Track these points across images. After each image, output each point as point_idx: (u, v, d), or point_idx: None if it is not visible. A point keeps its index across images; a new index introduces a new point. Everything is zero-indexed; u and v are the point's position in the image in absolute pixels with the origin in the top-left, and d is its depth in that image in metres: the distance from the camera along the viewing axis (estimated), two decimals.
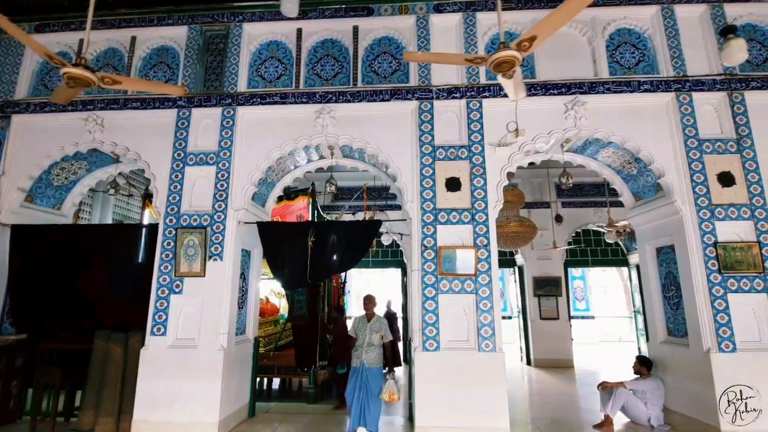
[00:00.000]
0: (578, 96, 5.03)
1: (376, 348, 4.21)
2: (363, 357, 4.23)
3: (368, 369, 4.19)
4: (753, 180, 4.73)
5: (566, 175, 5.58)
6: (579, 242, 11.46)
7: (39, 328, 5.13)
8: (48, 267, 5.26)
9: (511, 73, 2.77)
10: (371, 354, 4.20)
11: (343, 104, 5.21)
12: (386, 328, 4.30)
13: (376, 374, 4.17)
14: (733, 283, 4.51)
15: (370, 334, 4.25)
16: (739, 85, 4.96)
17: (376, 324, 4.30)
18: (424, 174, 4.94)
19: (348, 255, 5.00)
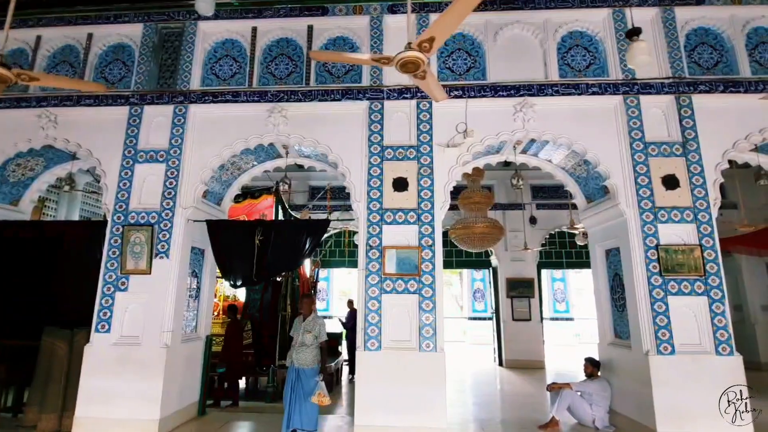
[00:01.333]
0: (527, 98, 5.05)
1: (309, 348, 4.20)
2: (294, 357, 4.22)
3: (301, 369, 4.18)
4: (697, 183, 4.75)
5: (517, 177, 5.59)
6: (554, 244, 11.49)
7: None
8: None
9: (421, 74, 2.78)
10: (303, 354, 4.20)
11: (295, 103, 5.22)
12: (321, 328, 4.27)
13: (310, 375, 4.16)
14: (674, 285, 4.53)
15: (303, 334, 4.25)
16: (687, 89, 4.99)
17: (309, 324, 4.30)
18: (371, 174, 4.95)
19: (295, 254, 5.00)
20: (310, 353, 4.19)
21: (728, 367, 4.32)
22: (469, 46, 5.41)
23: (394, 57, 2.66)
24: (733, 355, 4.34)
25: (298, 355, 4.21)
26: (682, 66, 5.07)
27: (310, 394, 4.08)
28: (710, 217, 4.65)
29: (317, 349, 4.23)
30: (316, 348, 4.22)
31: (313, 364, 4.17)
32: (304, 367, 4.17)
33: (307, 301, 4.53)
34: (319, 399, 3.97)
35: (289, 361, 4.27)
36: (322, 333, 4.26)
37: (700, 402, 4.25)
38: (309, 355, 4.18)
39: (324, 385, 4.05)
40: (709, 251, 4.57)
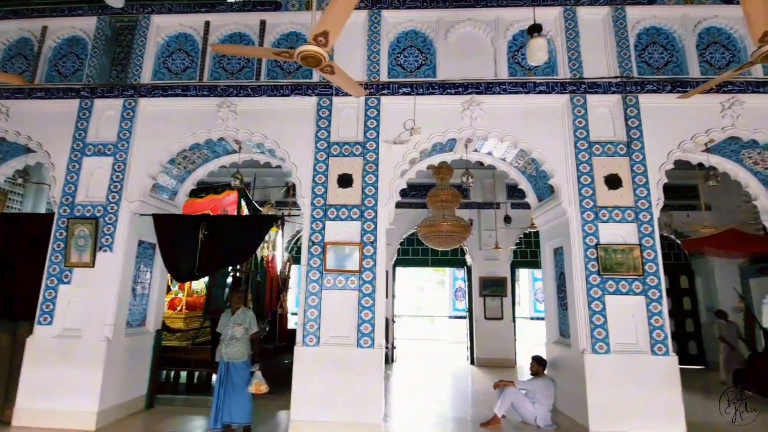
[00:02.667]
0: (474, 96, 5.04)
1: (240, 341, 4.22)
2: (224, 351, 4.23)
3: (231, 363, 4.19)
4: (640, 183, 4.75)
5: (467, 175, 5.57)
6: (530, 243, 11.48)
7: None
8: None
9: (327, 68, 2.77)
10: (233, 348, 4.21)
11: (245, 98, 5.21)
12: (251, 321, 4.29)
13: (240, 368, 4.17)
14: (612, 285, 4.53)
15: (233, 327, 4.26)
16: (634, 88, 4.98)
17: (239, 317, 4.31)
18: (317, 170, 4.95)
19: (241, 249, 5.00)
20: (240, 346, 4.20)
21: (663, 366, 4.33)
22: (420, 44, 5.40)
23: (294, 51, 2.65)
24: (668, 355, 4.35)
25: (228, 349, 4.22)
26: (631, 65, 5.06)
27: (241, 387, 4.10)
28: (651, 217, 4.65)
29: (248, 341, 4.24)
30: (247, 341, 4.23)
31: (243, 357, 4.18)
32: (235, 360, 4.19)
33: (236, 296, 4.56)
34: (256, 388, 4.02)
35: (219, 356, 4.28)
36: (253, 325, 4.27)
37: (634, 401, 4.26)
38: (240, 348, 4.20)
39: (261, 375, 4.08)
40: (649, 251, 4.57)
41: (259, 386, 4.05)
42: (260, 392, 4.09)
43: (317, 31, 2.54)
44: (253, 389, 4.06)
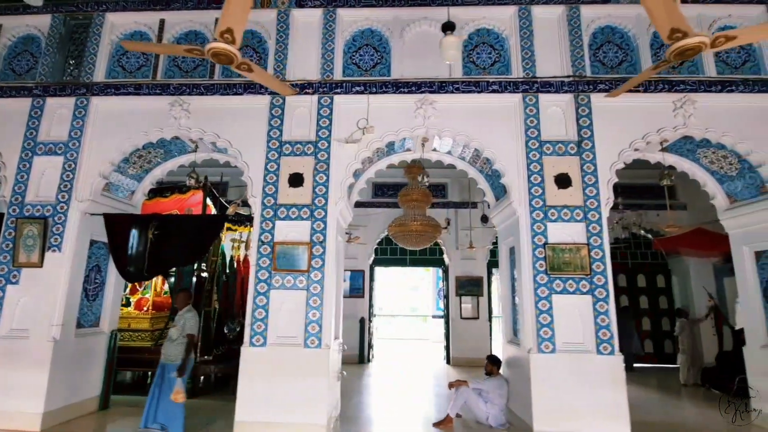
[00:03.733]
0: (428, 95, 5.02)
1: (175, 343, 4.17)
2: (162, 351, 4.20)
3: (166, 365, 4.16)
4: (590, 182, 4.74)
5: (422, 174, 5.55)
6: None
7: None
8: None
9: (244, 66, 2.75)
10: (168, 349, 4.17)
11: (198, 97, 5.17)
12: (186, 322, 4.19)
13: (172, 370, 4.13)
14: (559, 284, 4.53)
15: (171, 327, 4.23)
16: (586, 87, 4.97)
17: (178, 317, 4.27)
18: (268, 169, 4.92)
19: (191, 249, 4.98)
20: (175, 348, 4.15)
21: (609, 366, 4.33)
22: (377, 42, 5.38)
23: (205, 48, 2.63)
24: (614, 354, 4.35)
25: (165, 350, 4.19)
26: (584, 65, 5.05)
27: (170, 391, 4.04)
28: (600, 216, 4.65)
29: (183, 344, 4.19)
30: (183, 342, 4.18)
31: (177, 360, 4.14)
32: (169, 362, 4.15)
33: (179, 296, 4.52)
34: (174, 396, 3.92)
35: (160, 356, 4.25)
36: (187, 326, 4.19)
37: (579, 400, 4.26)
38: (174, 350, 4.14)
39: (181, 382, 3.99)
40: (597, 250, 4.57)
41: (177, 394, 3.95)
42: (177, 400, 3.99)
43: (221, 29, 2.51)
44: (173, 397, 3.98)
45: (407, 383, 7.86)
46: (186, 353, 4.13)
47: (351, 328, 10.03)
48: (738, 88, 4.91)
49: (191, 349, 4.16)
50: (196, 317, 4.31)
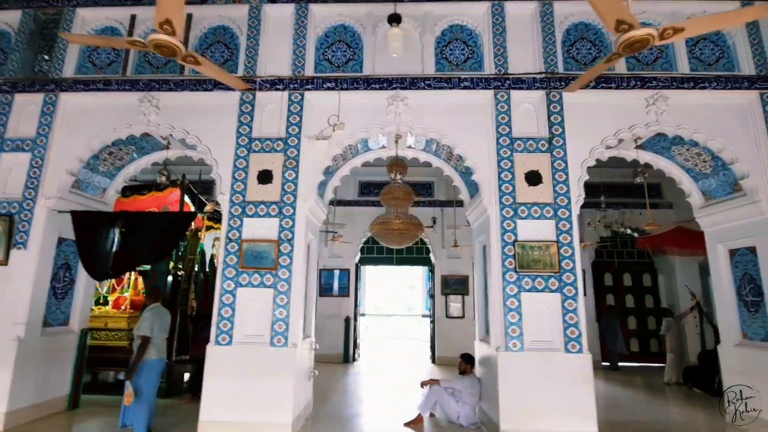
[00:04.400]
0: (399, 91, 4.98)
1: (136, 342, 4.13)
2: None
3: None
4: (560, 179, 4.70)
5: (396, 171, 5.50)
6: None
7: None
8: None
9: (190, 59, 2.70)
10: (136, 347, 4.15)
11: (168, 93, 5.11)
12: (142, 322, 4.12)
13: (144, 368, 4.09)
14: (528, 282, 4.48)
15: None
16: (558, 84, 4.93)
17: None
18: (237, 166, 4.87)
19: (158, 246, 4.92)
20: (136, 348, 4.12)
21: (577, 364, 4.29)
22: (349, 38, 5.33)
23: (146, 40, 2.57)
24: (582, 352, 4.30)
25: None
26: (557, 61, 5.01)
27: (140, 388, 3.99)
28: (570, 213, 4.61)
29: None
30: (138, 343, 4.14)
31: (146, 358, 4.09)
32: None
33: (148, 294, 4.46)
34: (125, 398, 3.87)
35: None
36: (141, 327, 4.13)
37: (546, 399, 4.21)
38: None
39: (129, 384, 3.92)
40: (566, 248, 4.53)
41: (127, 396, 3.89)
42: (127, 403, 3.92)
43: (159, 20, 2.46)
44: (124, 398, 3.93)
45: (387, 382, 7.82)
46: (137, 354, 4.06)
47: (336, 327, 10.01)
48: (711, 84, 4.88)
49: (142, 350, 4.06)
50: (155, 316, 4.24)
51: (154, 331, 4.25)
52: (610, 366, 9.41)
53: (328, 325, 10.02)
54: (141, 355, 4.09)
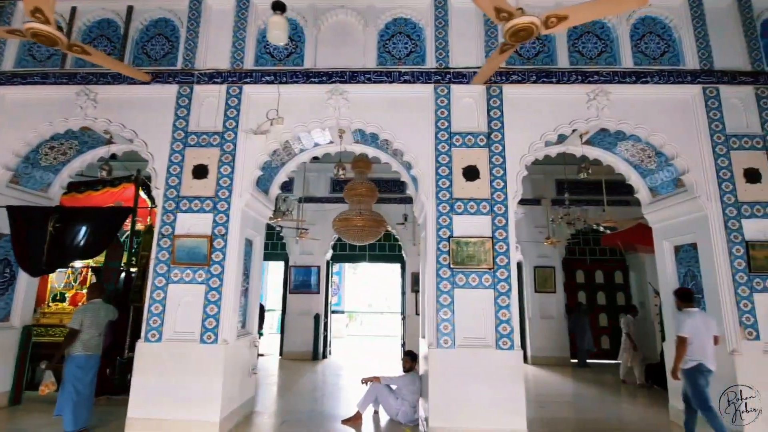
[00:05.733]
0: (338, 85, 4.91)
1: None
2: None
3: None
4: (497, 174, 4.65)
5: (339, 167, 5.43)
6: None
7: None
8: None
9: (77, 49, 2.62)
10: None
11: (106, 86, 5.03)
12: (74, 314, 4.14)
13: (69, 362, 4.09)
14: (462, 278, 4.43)
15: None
16: (499, 78, 4.87)
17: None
18: (172, 160, 4.80)
19: (93, 242, 4.86)
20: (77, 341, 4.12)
21: (508, 361, 4.25)
22: (291, 31, 5.25)
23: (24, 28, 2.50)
24: (513, 349, 4.26)
25: None
26: None
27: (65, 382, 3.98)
28: (506, 209, 4.56)
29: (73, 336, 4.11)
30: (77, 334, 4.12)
31: (72, 351, 4.09)
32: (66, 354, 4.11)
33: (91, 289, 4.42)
34: (42, 388, 3.84)
35: None
36: (72, 319, 4.12)
37: (476, 396, 4.17)
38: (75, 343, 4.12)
39: (49, 374, 3.89)
40: (501, 244, 4.48)
41: (43, 387, 3.87)
42: (42, 393, 3.91)
43: (29, 8, 2.39)
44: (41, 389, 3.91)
45: (349, 380, 7.76)
46: (62, 346, 4.05)
47: (306, 324, 9.96)
48: (653, 79, 4.82)
49: (66, 342, 4.05)
50: (87, 311, 4.22)
51: (84, 326, 4.22)
52: (578, 363, 9.39)
53: (298, 322, 10.00)
54: (64, 346, 4.06)
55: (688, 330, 4.01)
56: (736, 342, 4.25)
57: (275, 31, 3.56)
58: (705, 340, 4.01)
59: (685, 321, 4.06)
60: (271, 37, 3.67)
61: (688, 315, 4.10)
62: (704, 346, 4.00)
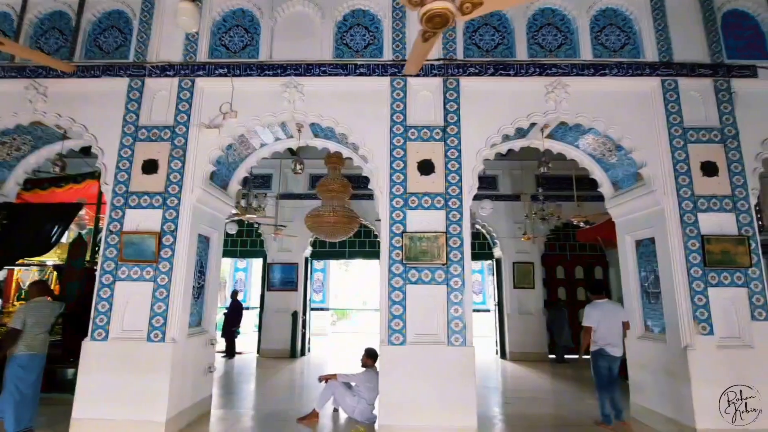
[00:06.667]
0: (294, 78, 4.81)
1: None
2: None
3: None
4: (453, 169, 4.58)
5: (296, 163, 5.33)
6: None
7: None
8: None
9: None
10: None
11: (56, 80, 4.89)
12: (16, 314, 4.05)
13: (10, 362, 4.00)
14: (415, 274, 4.37)
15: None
16: (456, 71, 4.79)
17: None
18: (122, 155, 4.69)
19: (44, 237, 4.75)
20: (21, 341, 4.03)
21: (459, 357, 4.19)
22: (248, 23, 5.14)
23: None
24: (465, 345, 4.20)
25: None
26: (456, 47, 4.87)
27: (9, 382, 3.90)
28: (461, 204, 4.49)
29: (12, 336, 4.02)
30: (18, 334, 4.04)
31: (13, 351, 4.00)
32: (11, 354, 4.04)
33: (32, 288, 4.31)
34: None
35: None
36: (13, 319, 4.02)
37: (426, 393, 4.12)
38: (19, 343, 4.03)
39: None
40: (455, 239, 4.41)
41: None
42: None
43: None
44: None
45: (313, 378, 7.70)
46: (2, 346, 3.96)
47: (283, 322, 9.87)
48: (612, 71, 4.76)
49: (7, 342, 3.95)
50: (29, 310, 4.13)
51: (27, 325, 4.12)
52: (556, 359, 9.37)
53: (275, 319, 9.91)
54: (5, 347, 3.97)
55: (591, 321, 4.65)
56: (690, 337, 4.21)
57: (183, 18, 3.47)
58: (610, 328, 4.61)
59: (590, 312, 4.69)
60: (179, 23, 3.56)
61: (594, 306, 4.74)
62: (608, 333, 4.60)
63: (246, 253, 11.39)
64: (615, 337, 4.60)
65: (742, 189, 4.49)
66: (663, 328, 4.63)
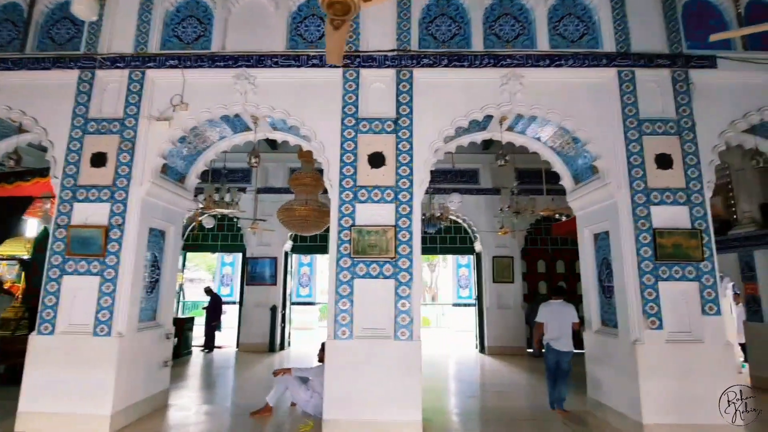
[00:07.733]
0: (246, 69, 4.75)
1: None
2: None
3: None
4: (404, 161, 4.52)
5: (251, 156, 5.26)
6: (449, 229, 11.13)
7: None
8: None
9: None
10: None
11: (6, 72, 4.84)
12: None
13: None
14: (363, 268, 4.32)
15: None
16: (410, 62, 4.72)
17: None
18: (70, 148, 4.65)
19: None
20: None
21: (406, 351, 4.16)
22: (201, 13, 5.06)
23: None
24: (412, 339, 4.17)
25: None
26: (409, 38, 4.78)
27: None
28: (411, 197, 4.43)
29: None
30: None
31: None
32: None
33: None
34: None
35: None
36: None
37: (371, 387, 4.10)
38: None
39: None
40: (405, 232, 4.37)
41: None
42: None
43: None
44: None
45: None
46: None
47: (262, 316, 9.86)
48: (568, 62, 4.68)
49: None
50: None
51: None
52: (534, 353, 9.35)
53: (254, 314, 9.90)
54: None
55: (541, 317, 5.11)
56: (639, 331, 4.17)
57: (78, 6, 3.38)
58: (557, 326, 4.98)
59: (541, 310, 5.15)
60: (74, 11, 3.49)
61: (546, 305, 5.20)
62: (555, 330, 4.98)
63: (226, 248, 11.36)
64: (561, 334, 4.97)
65: (696, 182, 4.42)
66: (616, 323, 4.59)
